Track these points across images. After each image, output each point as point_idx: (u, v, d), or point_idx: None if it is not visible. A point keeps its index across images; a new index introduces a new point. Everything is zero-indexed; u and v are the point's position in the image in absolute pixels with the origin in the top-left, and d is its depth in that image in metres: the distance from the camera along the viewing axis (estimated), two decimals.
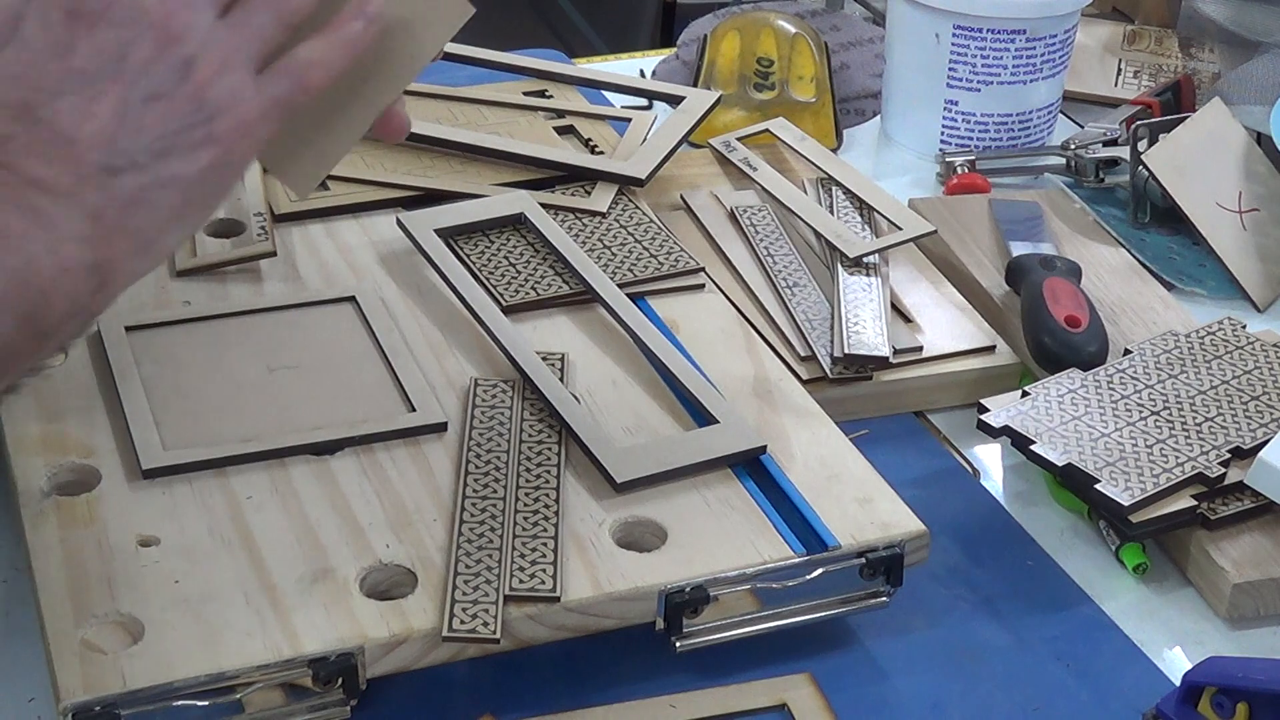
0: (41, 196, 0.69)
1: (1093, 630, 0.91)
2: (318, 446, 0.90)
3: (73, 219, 0.70)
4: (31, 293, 0.68)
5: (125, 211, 0.71)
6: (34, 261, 0.69)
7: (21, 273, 0.68)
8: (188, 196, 0.73)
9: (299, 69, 0.74)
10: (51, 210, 0.69)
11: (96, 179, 0.70)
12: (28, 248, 0.68)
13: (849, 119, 1.44)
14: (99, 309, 0.73)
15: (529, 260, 1.08)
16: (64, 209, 0.70)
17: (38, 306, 0.69)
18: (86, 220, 0.70)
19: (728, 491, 0.89)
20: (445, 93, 1.32)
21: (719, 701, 0.84)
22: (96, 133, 0.71)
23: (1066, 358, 1.04)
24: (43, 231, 0.69)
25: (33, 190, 0.69)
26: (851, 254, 1.13)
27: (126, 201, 0.71)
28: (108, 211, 0.71)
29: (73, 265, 0.70)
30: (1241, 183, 1.27)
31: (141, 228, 0.72)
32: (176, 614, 0.79)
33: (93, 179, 0.70)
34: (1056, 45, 1.36)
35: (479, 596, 0.81)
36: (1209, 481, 0.94)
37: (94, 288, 0.71)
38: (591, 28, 3.32)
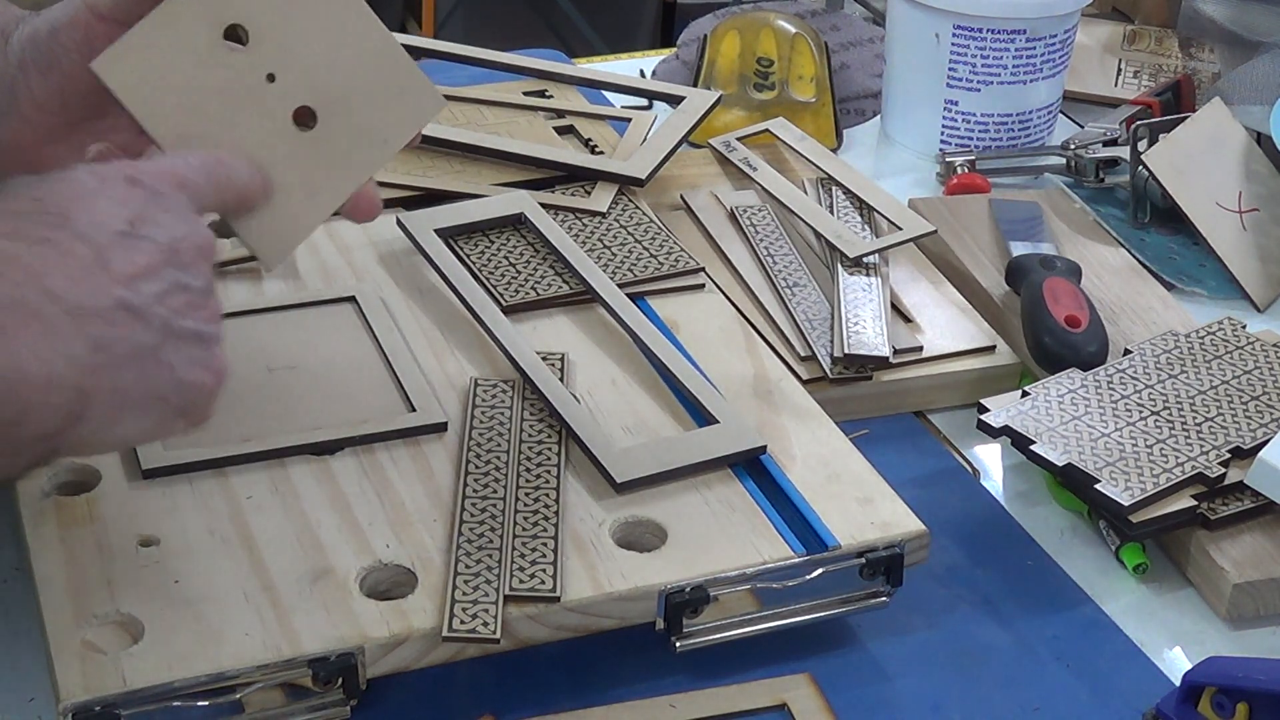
0: (52, 306, 0.69)
1: (1093, 630, 0.91)
2: (318, 446, 0.90)
3: (75, 338, 0.69)
4: (13, 398, 0.67)
5: (123, 360, 0.71)
6: (22, 365, 0.67)
7: (8, 376, 0.67)
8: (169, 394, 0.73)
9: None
10: (56, 321, 0.69)
11: (111, 313, 0.70)
12: (18, 350, 0.67)
13: (849, 119, 1.44)
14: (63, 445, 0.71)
15: (529, 260, 1.08)
16: (70, 325, 0.69)
17: (17, 415, 0.68)
18: (86, 346, 0.69)
19: (728, 491, 0.89)
20: (445, 93, 1.32)
21: (719, 701, 0.84)
22: (129, 273, 0.71)
23: (1066, 358, 1.04)
24: (40, 338, 0.68)
25: (47, 300, 0.69)
26: (851, 254, 1.13)
27: (128, 351, 0.71)
28: (109, 349, 0.70)
29: (59, 381, 0.68)
30: (1241, 183, 1.27)
31: (125, 390, 0.71)
32: (176, 614, 0.79)
33: (108, 312, 0.70)
34: (1056, 45, 1.36)
35: (479, 596, 0.81)
36: (1209, 481, 0.94)
37: (69, 417, 0.70)
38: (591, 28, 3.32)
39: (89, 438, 0.72)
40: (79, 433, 0.71)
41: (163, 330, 0.72)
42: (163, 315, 0.72)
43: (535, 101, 1.32)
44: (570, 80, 1.37)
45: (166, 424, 0.74)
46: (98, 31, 0.81)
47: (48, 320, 0.68)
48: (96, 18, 0.81)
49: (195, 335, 0.73)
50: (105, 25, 0.81)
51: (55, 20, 0.83)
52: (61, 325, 0.69)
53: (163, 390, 0.73)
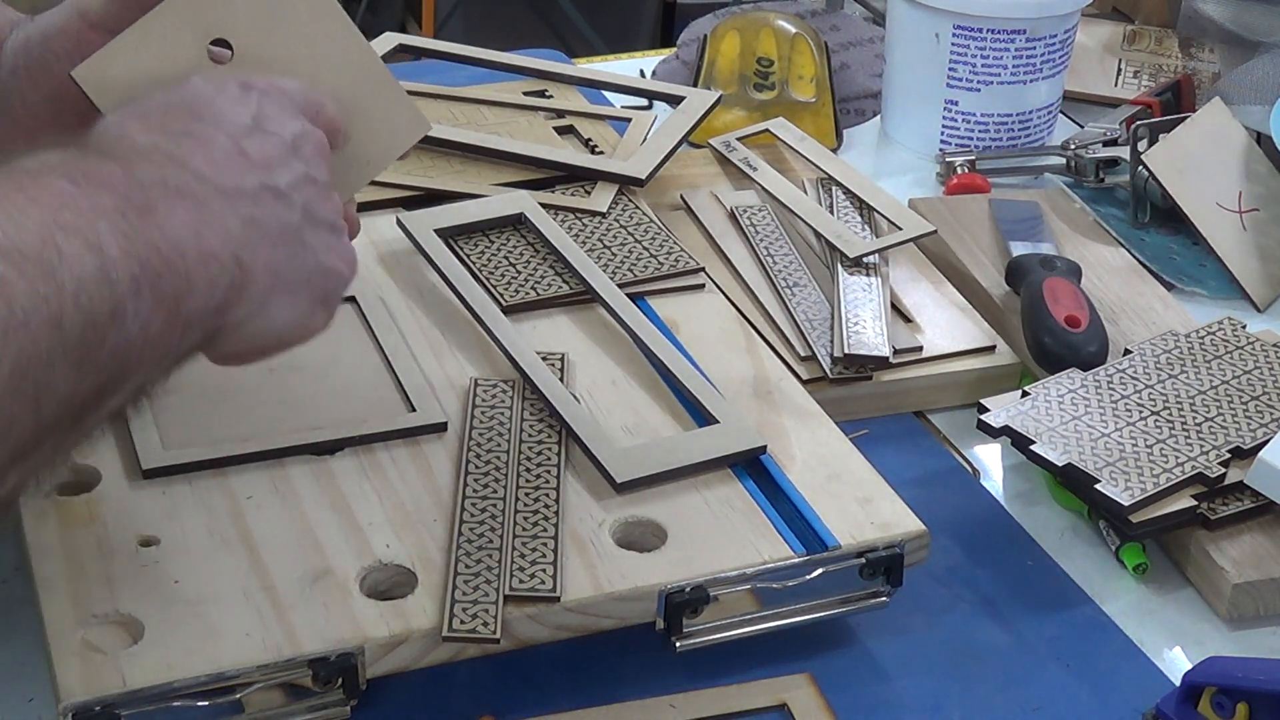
0: (198, 183, 0.70)
1: (1093, 630, 0.91)
2: (318, 446, 0.90)
3: (225, 213, 0.71)
4: (173, 272, 0.68)
5: (273, 236, 0.73)
6: (176, 240, 0.68)
7: (165, 250, 0.68)
8: (314, 277, 0.75)
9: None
10: (206, 197, 0.70)
11: (257, 193, 0.72)
12: (171, 227, 0.68)
13: (849, 119, 1.44)
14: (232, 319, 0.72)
15: (529, 260, 1.08)
16: (219, 200, 0.71)
17: (180, 289, 0.68)
18: (239, 222, 0.71)
19: (728, 491, 0.89)
20: (445, 93, 1.32)
21: (719, 701, 0.84)
22: (267, 159, 0.73)
23: (1066, 358, 1.04)
24: (191, 214, 0.69)
25: (191, 176, 0.70)
26: (851, 254, 1.13)
27: (277, 229, 0.73)
28: (259, 223, 0.72)
29: (217, 251, 0.70)
30: (1241, 183, 1.27)
31: (280, 266, 0.73)
32: (176, 614, 0.79)
33: (253, 192, 0.72)
34: (1056, 45, 1.36)
35: (479, 596, 0.81)
36: (1209, 481, 0.94)
37: (233, 285, 0.71)
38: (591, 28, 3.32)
39: (246, 321, 0.73)
40: (239, 311, 0.72)
41: (303, 213, 0.74)
42: (300, 199, 0.74)
43: (535, 101, 1.32)
44: (570, 80, 1.37)
45: (310, 313, 0.76)
46: (89, 39, 0.81)
47: (198, 198, 0.70)
48: (88, 25, 0.82)
49: (330, 224, 0.76)
50: (97, 33, 0.81)
51: (48, 27, 0.83)
52: (212, 202, 0.70)
53: (308, 272, 0.75)
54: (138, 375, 0.69)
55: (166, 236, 0.68)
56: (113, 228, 0.66)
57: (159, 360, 0.70)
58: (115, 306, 0.66)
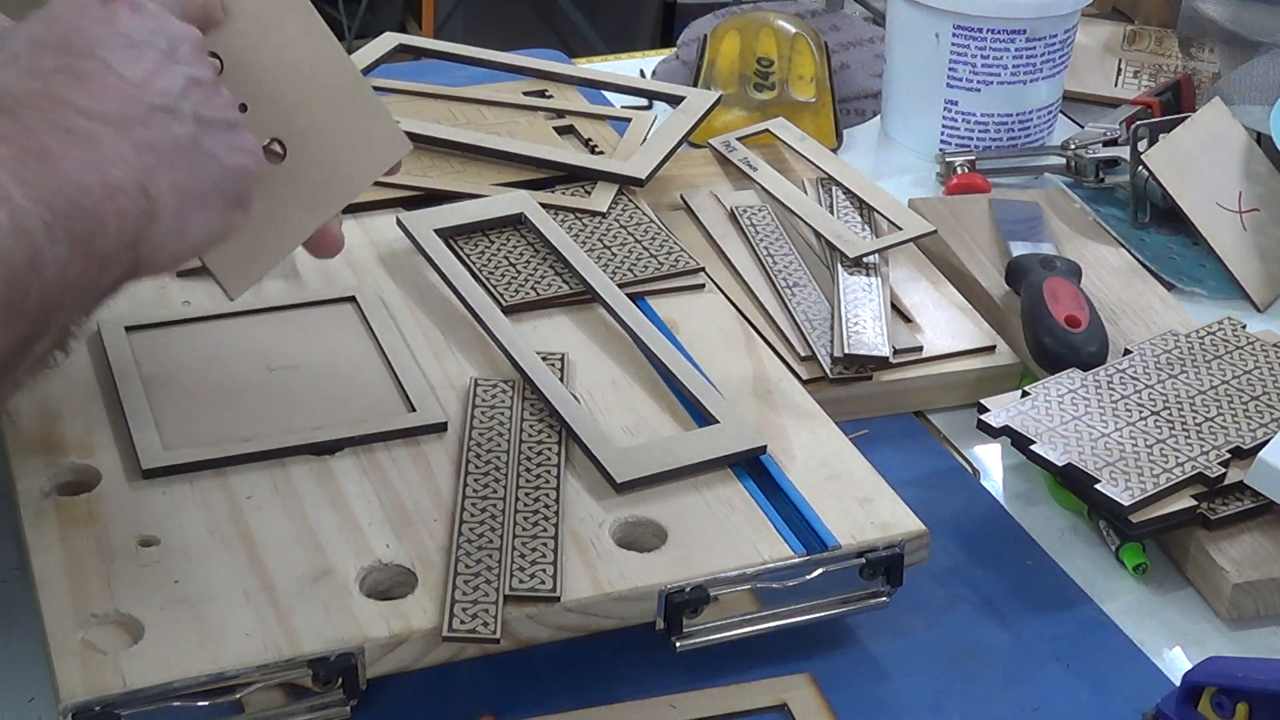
0: (87, 121, 0.70)
1: (1093, 630, 0.91)
2: (318, 446, 0.90)
3: (119, 143, 0.70)
4: (81, 212, 0.68)
5: (170, 155, 0.72)
6: (78, 179, 0.68)
7: (69, 191, 0.67)
8: (221, 182, 0.75)
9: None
10: (97, 132, 0.70)
11: (146, 115, 0.72)
12: (69, 167, 0.68)
13: (849, 119, 1.44)
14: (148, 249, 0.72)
15: (529, 260, 1.08)
16: (110, 132, 0.70)
17: (91, 227, 0.68)
18: (133, 148, 0.71)
19: (728, 491, 0.89)
20: (445, 93, 1.32)
21: (719, 701, 0.84)
22: (145, 78, 0.72)
23: (1066, 358, 1.04)
24: (87, 150, 0.69)
25: (78, 114, 0.70)
26: (851, 254, 1.13)
27: (173, 147, 0.72)
28: (154, 147, 0.71)
29: (120, 183, 0.69)
30: (1241, 183, 1.27)
31: (184, 185, 0.73)
32: (176, 614, 0.79)
33: (142, 116, 0.71)
34: (1056, 45, 1.36)
35: (479, 596, 0.81)
36: (1209, 481, 0.94)
37: (144, 212, 0.71)
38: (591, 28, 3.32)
39: (164, 243, 0.73)
40: (154, 236, 0.72)
41: (195, 122, 0.74)
42: (191, 108, 0.73)
43: (535, 101, 1.32)
44: (570, 80, 1.37)
45: (227, 216, 0.76)
46: None
47: (89, 135, 0.69)
48: None
49: (224, 123, 0.75)
50: None
51: None
52: (103, 135, 0.70)
53: (214, 179, 0.74)
54: (60, 319, 0.70)
55: (69, 178, 0.68)
56: (15, 178, 0.66)
57: (80, 301, 0.71)
58: (33, 255, 0.66)
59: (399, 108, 1.28)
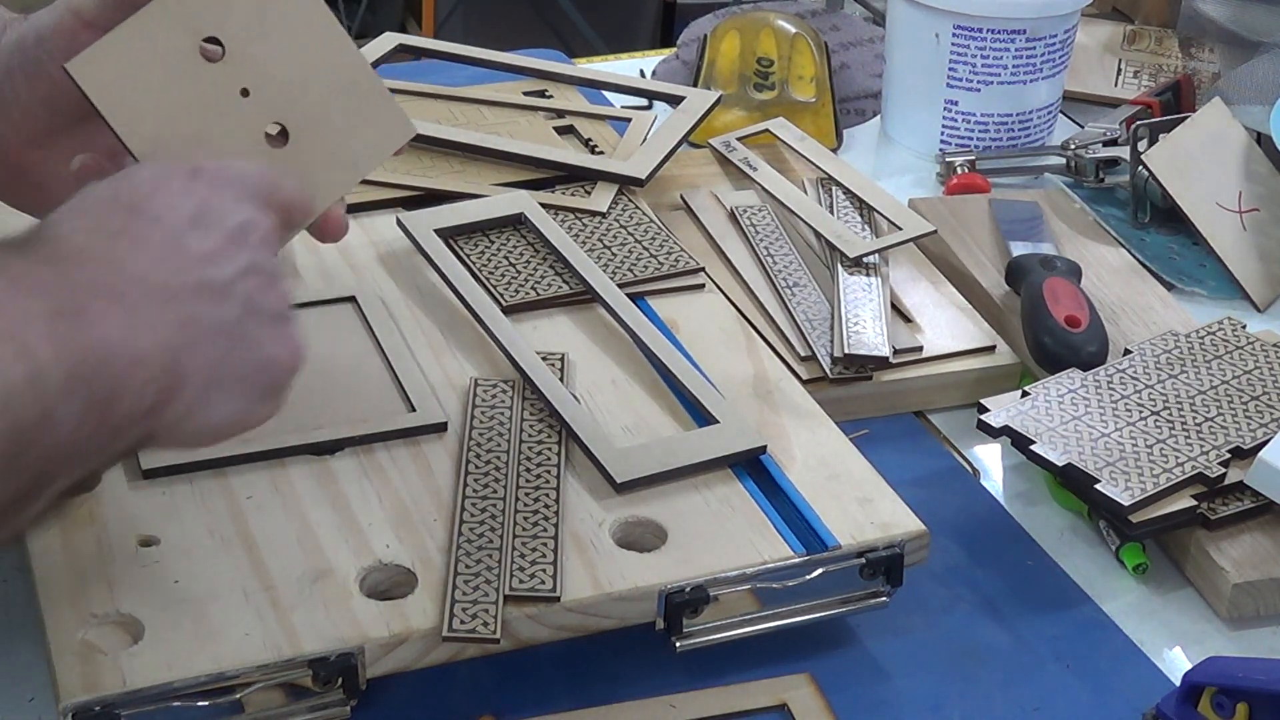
0: (133, 287, 0.69)
1: (1093, 630, 0.91)
2: (318, 446, 0.90)
3: (160, 315, 0.69)
4: (104, 375, 0.67)
5: (208, 337, 0.71)
6: (110, 346, 0.67)
7: (96, 354, 0.67)
8: (254, 373, 0.74)
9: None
10: (139, 301, 0.69)
11: (195, 291, 0.71)
12: (104, 330, 0.67)
13: (849, 119, 1.44)
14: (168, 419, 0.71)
15: (529, 260, 1.08)
16: (153, 304, 0.69)
17: (110, 392, 0.67)
18: (172, 324, 0.70)
19: (728, 491, 0.89)
20: (445, 93, 1.32)
21: (719, 701, 0.84)
22: (206, 254, 0.72)
23: (1066, 358, 1.04)
24: (124, 317, 0.68)
25: (125, 280, 0.69)
26: (851, 254, 1.13)
27: (213, 329, 0.71)
28: (195, 325, 0.70)
29: (147, 357, 0.69)
30: (1241, 183, 1.27)
31: (215, 363, 0.72)
32: (176, 614, 0.79)
33: (191, 290, 0.71)
34: (1056, 45, 1.36)
35: (479, 596, 0.81)
36: (1209, 481, 0.94)
37: (161, 394, 0.70)
38: (591, 28, 3.32)
39: (182, 420, 0.72)
40: (172, 413, 0.71)
41: (244, 307, 0.73)
42: (244, 293, 0.73)
43: (535, 101, 1.32)
44: (570, 80, 1.37)
45: (252, 407, 0.75)
46: (83, 38, 0.81)
47: (132, 301, 0.69)
48: (82, 24, 0.81)
49: (274, 314, 0.74)
50: (90, 32, 0.81)
51: (41, 26, 0.83)
52: (145, 305, 0.69)
53: (247, 368, 0.73)
54: (65, 478, 0.69)
55: (98, 340, 0.67)
56: (44, 332, 0.66)
57: (87, 462, 0.70)
58: (44, 411, 0.65)
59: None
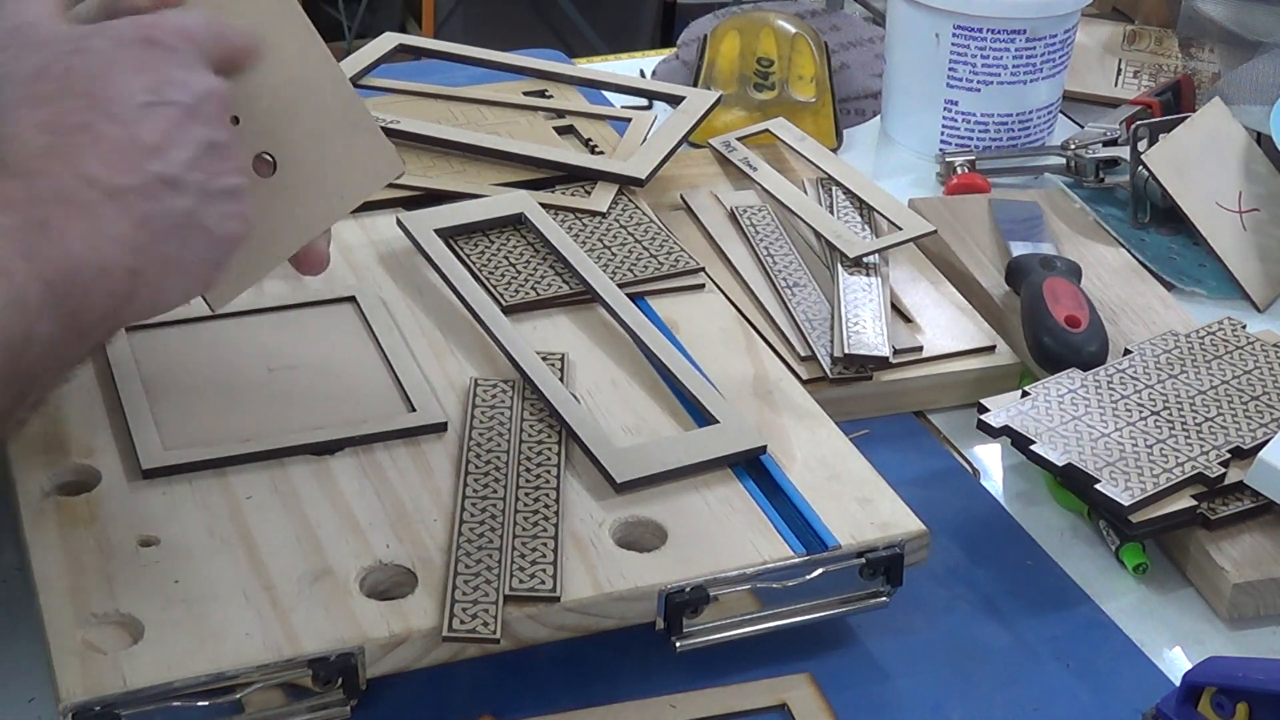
0: (93, 191, 0.70)
1: (1093, 630, 0.91)
2: (318, 446, 0.90)
3: (120, 219, 0.70)
4: (73, 288, 0.68)
5: (166, 231, 0.72)
6: (75, 256, 0.68)
7: (66, 268, 0.68)
8: (206, 253, 0.75)
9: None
10: (100, 206, 0.70)
11: (151, 187, 0.71)
12: (69, 243, 0.68)
13: (849, 119, 1.44)
14: (127, 315, 0.73)
15: (529, 260, 1.08)
16: (114, 208, 0.70)
17: (79, 304, 0.69)
18: (131, 225, 0.71)
19: (728, 491, 0.89)
20: (445, 93, 1.32)
21: (719, 701, 0.84)
22: (161, 143, 0.72)
23: (1066, 358, 1.04)
24: (87, 225, 0.69)
25: (85, 185, 0.70)
26: (851, 254, 1.13)
27: (170, 222, 0.72)
28: (153, 222, 0.71)
29: (112, 264, 0.70)
30: (1241, 183, 1.27)
31: (171, 258, 0.73)
32: (176, 614, 0.79)
33: (148, 187, 0.71)
34: (1056, 45, 1.36)
35: (479, 596, 0.81)
36: (1209, 481, 0.94)
37: (129, 293, 0.71)
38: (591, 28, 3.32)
39: (142, 310, 0.73)
40: (133, 307, 0.72)
41: (199, 194, 0.73)
42: (197, 180, 0.73)
43: (535, 101, 1.32)
44: (570, 80, 1.37)
45: (205, 279, 0.76)
46: None
47: (91, 207, 0.69)
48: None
49: (226, 191, 0.75)
50: None
51: None
52: (105, 209, 0.70)
53: (202, 250, 0.74)
54: (40, 388, 0.71)
55: (64, 253, 0.68)
56: (16, 250, 0.67)
57: (59, 371, 0.72)
58: (26, 330, 0.67)
59: (399, 108, 1.28)
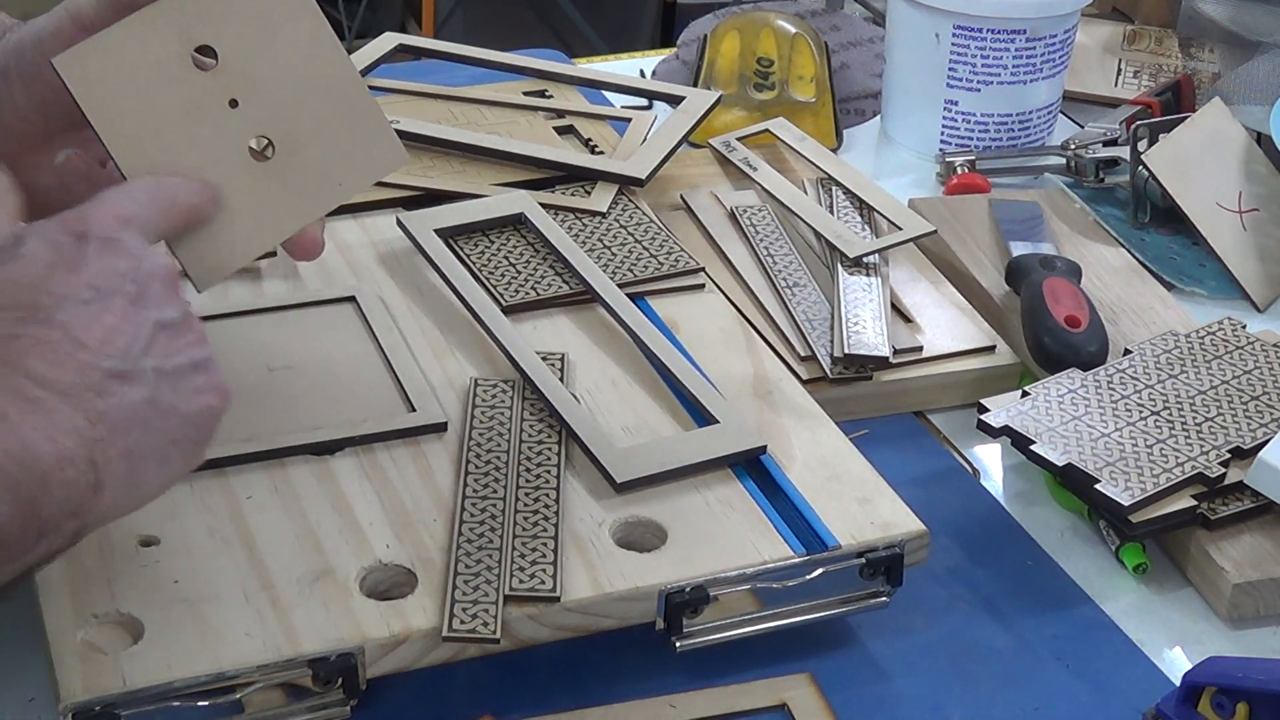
0: (42, 390, 0.69)
1: (1093, 630, 0.91)
2: (318, 446, 0.90)
3: (73, 415, 0.69)
4: (30, 476, 0.67)
5: (124, 423, 0.71)
6: (31, 446, 0.67)
7: (19, 454, 0.67)
8: (179, 435, 0.74)
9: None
10: (51, 404, 0.69)
11: (101, 384, 0.70)
12: (25, 432, 0.68)
13: (849, 119, 1.44)
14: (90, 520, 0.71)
15: (529, 260, 1.08)
16: (65, 405, 0.69)
17: (36, 492, 0.68)
18: (86, 420, 0.70)
19: (728, 491, 0.89)
20: (445, 93, 1.32)
21: (719, 701, 0.84)
22: (105, 339, 0.71)
23: (1066, 358, 1.04)
24: (42, 419, 0.68)
25: (33, 384, 0.69)
26: (851, 254, 1.13)
27: (127, 413, 0.71)
28: (107, 417, 0.70)
29: (70, 455, 0.69)
30: (1241, 183, 1.27)
31: (135, 447, 0.71)
32: (176, 614, 0.79)
33: (97, 384, 0.70)
34: (1056, 45, 1.36)
35: (479, 596, 0.81)
36: (1209, 481, 0.94)
37: (90, 485, 0.70)
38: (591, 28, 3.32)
39: (113, 506, 0.72)
40: (101, 504, 0.71)
41: (155, 379, 0.72)
42: (151, 365, 0.72)
43: (535, 101, 1.32)
44: (570, 80, 1.37)
45: (188, 460, 0.75)
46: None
47: (43, 404, 0.69)
48: (80, 29, 0.81)
49: (188, 367, 0.74)
50: (88, 36, 0.81)
51: (40, 30, 0.83)
52: (56, 406, 0.69)
53: (173, 434, 0.73)
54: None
55: (20, 441, 0.67)
56: None
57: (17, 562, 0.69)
58: None
59: (399, 108, 1.28)
